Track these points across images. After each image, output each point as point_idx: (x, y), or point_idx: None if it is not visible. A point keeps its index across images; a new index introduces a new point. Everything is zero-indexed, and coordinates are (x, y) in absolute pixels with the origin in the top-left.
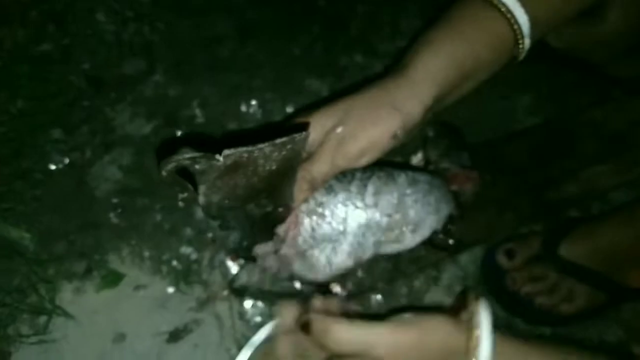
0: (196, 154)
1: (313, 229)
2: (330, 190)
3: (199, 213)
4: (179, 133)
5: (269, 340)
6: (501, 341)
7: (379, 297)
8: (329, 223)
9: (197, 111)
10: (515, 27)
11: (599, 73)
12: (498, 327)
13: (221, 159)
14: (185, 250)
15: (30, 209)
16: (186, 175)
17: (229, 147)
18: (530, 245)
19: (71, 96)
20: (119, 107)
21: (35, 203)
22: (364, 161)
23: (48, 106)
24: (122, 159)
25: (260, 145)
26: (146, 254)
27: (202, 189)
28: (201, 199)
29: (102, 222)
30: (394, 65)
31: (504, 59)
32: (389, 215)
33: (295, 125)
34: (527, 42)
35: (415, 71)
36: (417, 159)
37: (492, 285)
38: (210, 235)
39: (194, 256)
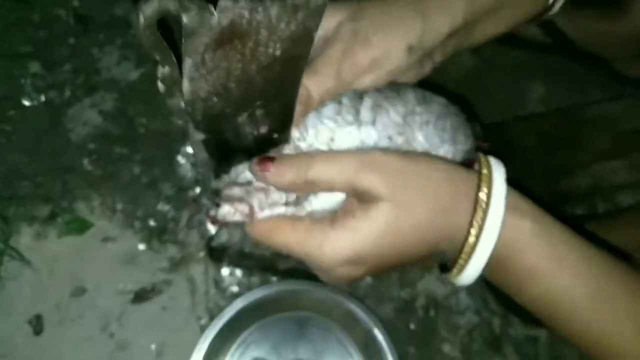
0: None
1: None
2: None
3: (181, 168)
4: None
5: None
6: (520, 197)
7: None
8: (311, 145)
9: None
10: None
11: (610, 69)
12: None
13: (216, 13)
14: (163, 207)
15: None
16: (169, 42)
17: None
18: None
19: (56, 30)
20: (107, 49)
21: (2, 138)
22: (372, 77)
23: (29, 36)
24: (104, 104)
25: (266, 1)
26: (119, 206)
27: (187, 65)
28: (185, 86)
29: (74, 167)
30: None
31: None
32: (390, 138)
33: None
34: None
35: None
36: None
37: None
38: (191, 193)
39: (171, 214)
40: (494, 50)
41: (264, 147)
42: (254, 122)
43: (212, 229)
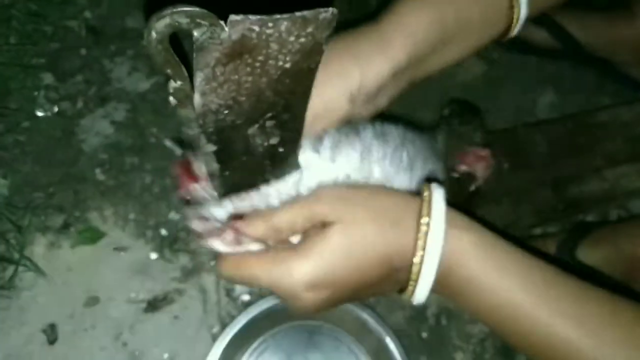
0: (196, 9)
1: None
2: None
3: None
4: None
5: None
6: (458, 214)
7: None
8: (277, 190)
9: None
10: None
11: (620, 74)
12: None
13: (226, 27)
14: (174, 216)
15: (11, 155)
16: (179, 55)
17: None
18: (546, 247)
19: (68, 42)
20: (118, 60)
21: (16, 149)
22: (320, 127)
23: (42, 48)
24: (115, 114)
25: (276, 16)
26: (131, 215)
27: (198, 79)
28: (196, 99)
29: (87, 177)
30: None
31: (495, 27)
32: (348, 175)
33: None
34: (523, 11)
35: (389, 23)
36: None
37: None
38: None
39: (182, 223)
40: (503, 55)
41: (274, 164)
42: (265, 134)
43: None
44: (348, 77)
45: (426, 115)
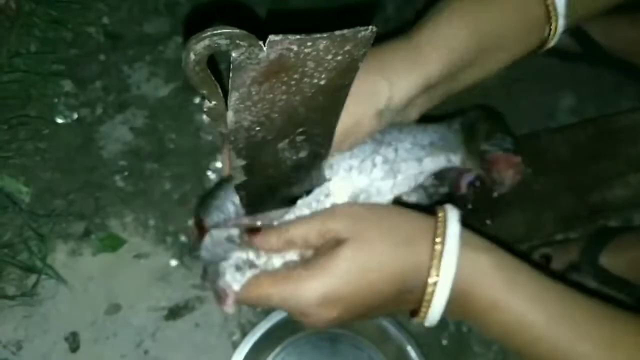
0: (236, 31)
1: None
2: None
3: (212, 184)
4: (197, 99)
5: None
6: (472, 234)
7: None
8: (308, 202)
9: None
10: (549, 2)
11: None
12: None
13: (265, 47)
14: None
15: (32, 162)
16: (215, 75)
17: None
18: (568, 252)
19: (87, 48)
20: (137, 66)
21: (37, 156)
22: (346, 147)
23: (62, 55)
24: (134, 120)
25: (315, 36)
26: (151, 222)
27: (233, 97)
28: (230, 117)
29: (107, 184)
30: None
31: (531, 40)
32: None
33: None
34: (560, 23)
35: (423, 35)
36: None
37: None
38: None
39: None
40: (523, 58)
41: (300, 177)
42: (294, 148)
43: None
44: (377, 93)
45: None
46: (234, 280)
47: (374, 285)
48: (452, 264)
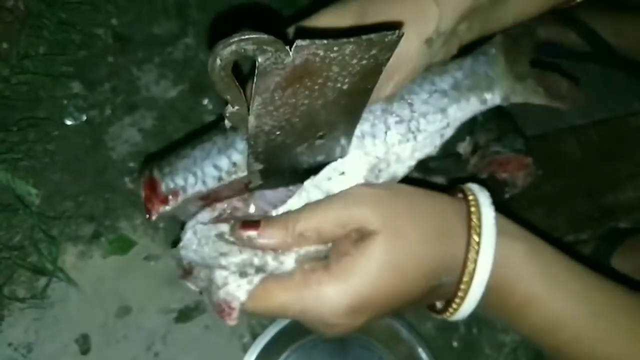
0: (263, 36)
1: None
2: None
3: None
4: (206, 101)
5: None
6: (507, 220)
7: None
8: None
9: None
10: None
11: None
12: None
13: (291, 52)
14: None
15: (41, 164)
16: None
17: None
18: (579, 255)
19: (95, 50)
20: (146, 68)
21: (46, 158)
22: (389, 90)
23: (71, 56)
24: (143, 122)
25: (342, 40)
26: (161, 224)
27: (256, 102)
28: (251, 122)
29: (116, 186)
30: None
31: None
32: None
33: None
34: None
35: None
36: (463, 146)
37: None
38: None
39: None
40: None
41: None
42: (312, 152)
43: None
44: (425, 19)
45: None
46: (238, 290)
47: (408, 284)
48: (489, 256)
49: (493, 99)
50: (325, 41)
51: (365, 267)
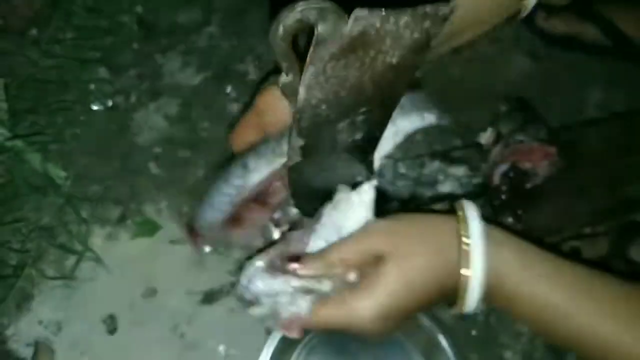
0: (327, 3)
1: None
2: None
3: None
4: (229, 89)
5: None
6: (493, 228)
7: None
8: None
9: (250, 67)
10: None
11: None
12: None
13: (350, 21)
14: None
15: (69, 147)
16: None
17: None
18: (597, 246)
19: (121, 36)
20: (170, 55)
21: (74, 142)
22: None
23: (97, 42)
24: (168, 108)
25: (399, 10)
26: (185, 209)
27: (308, 73)
28: (301, 93)
29: (141, 171)
30: None
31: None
32: None
33: None
34: None
35: None
36: (485, 136)
37: None
38: None
39: None
40: (551, 53)
41: (355, 155)
42: (353, 129)
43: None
44: None
45: (473, 113)
46: (299, 308)
47: (420, 294)
48: (479, 261)
49: (430, 117)
50: (383, 11)
51: (383, 285)
